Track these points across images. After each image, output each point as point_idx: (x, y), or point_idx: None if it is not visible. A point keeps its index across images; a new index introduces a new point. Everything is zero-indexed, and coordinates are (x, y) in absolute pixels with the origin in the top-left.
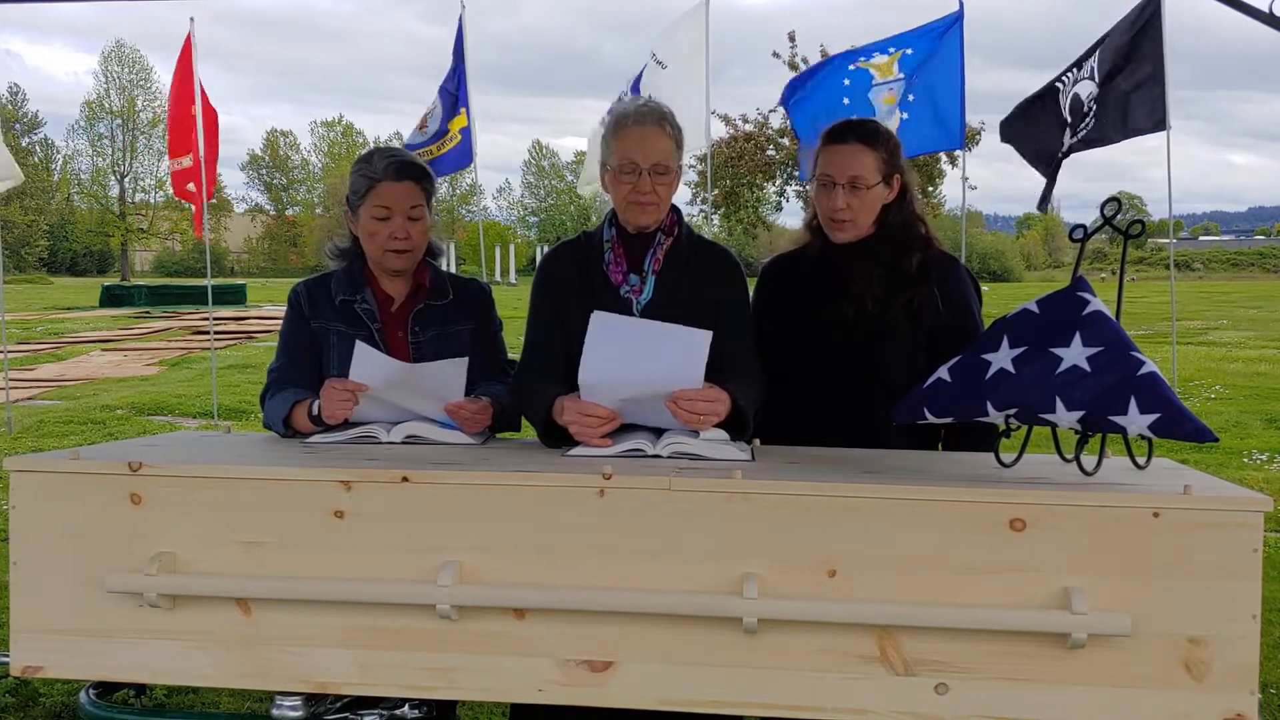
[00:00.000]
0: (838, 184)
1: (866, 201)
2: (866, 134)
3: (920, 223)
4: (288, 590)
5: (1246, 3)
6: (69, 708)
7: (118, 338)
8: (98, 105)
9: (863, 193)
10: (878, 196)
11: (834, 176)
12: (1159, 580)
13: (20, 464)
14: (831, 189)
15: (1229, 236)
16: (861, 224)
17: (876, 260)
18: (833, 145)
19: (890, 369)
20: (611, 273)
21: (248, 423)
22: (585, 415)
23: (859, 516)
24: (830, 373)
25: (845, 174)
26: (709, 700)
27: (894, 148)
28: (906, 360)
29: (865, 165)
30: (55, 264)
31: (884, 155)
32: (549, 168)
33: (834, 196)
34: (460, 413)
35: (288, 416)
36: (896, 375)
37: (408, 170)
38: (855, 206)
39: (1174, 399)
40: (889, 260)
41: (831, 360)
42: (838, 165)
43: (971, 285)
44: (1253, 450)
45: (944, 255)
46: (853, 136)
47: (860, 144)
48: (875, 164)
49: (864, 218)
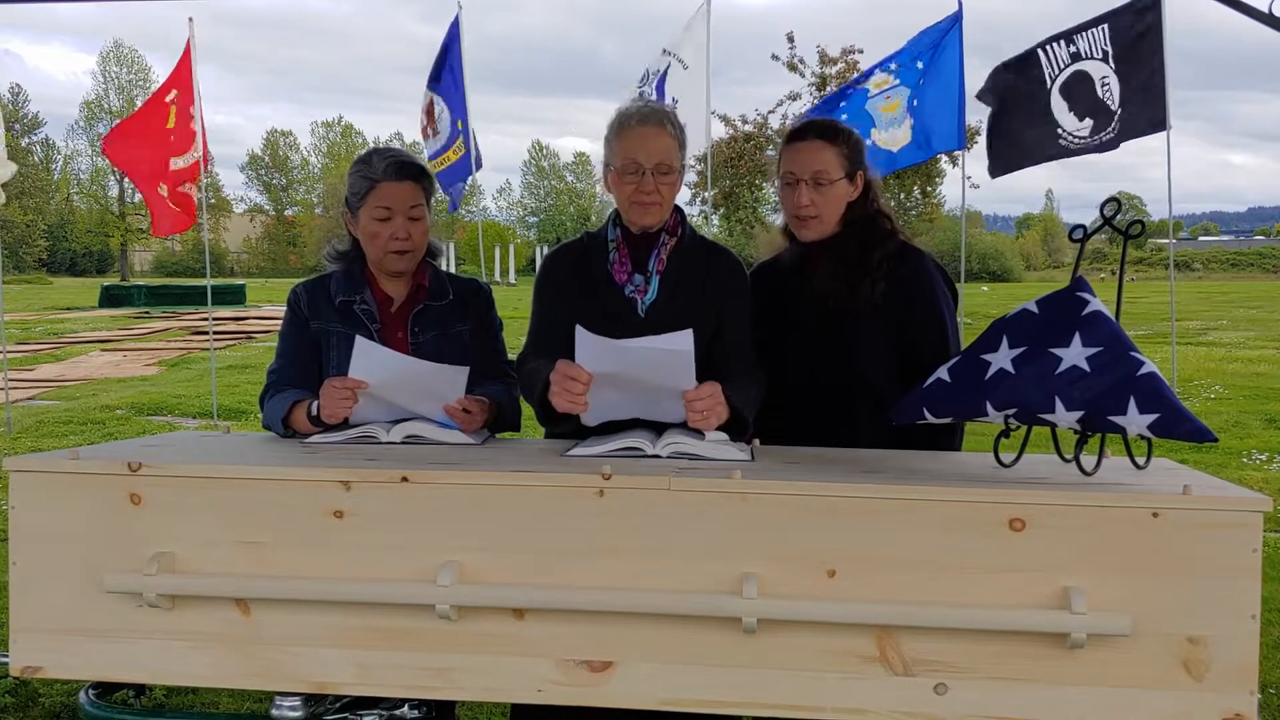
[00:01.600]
0: (801, 180)
1: (830, 197)
2: (826, 130)
3: (885, 218)
4: (287, 590)
5: (1246, 3)
6: (69, 708)
7: (117, 338)
8: (97, 105)
9: (826, 188)
10: (841, 192)
11: (797, 173)
12: (1158, 580)
13: (20, 464)
14: (795, 186)
15: (1228, 237)
16: (827, 220)
17: (841, 258)
18: (794, 144)
19: (864, 367)
20: (616, 272)
21: (247, 423)
22: (567, 379)
23: (859, 516)
24: (808, 376)
25: (808, 170)
26: (709, 700)
27: (855, 144)
28: (880, 357)
29: (827, 161)
30: (55, 264)
31: (845, 151)
32: (549, 168)
33: (798, 193)
34: (458, 414)
35: (287, 417)
36: (873, 373)
37: (407, 170)
38: (819, 202)
39: (1173, 399)
40: (853, 257)
41: (808, 363)
42: (800, 162)
43: (939, 277)
44: (1252, 450)
45: (909, 248)
46: (813, 133)
47: (821, 140)
48: (837, 160)
49: (829, 213)
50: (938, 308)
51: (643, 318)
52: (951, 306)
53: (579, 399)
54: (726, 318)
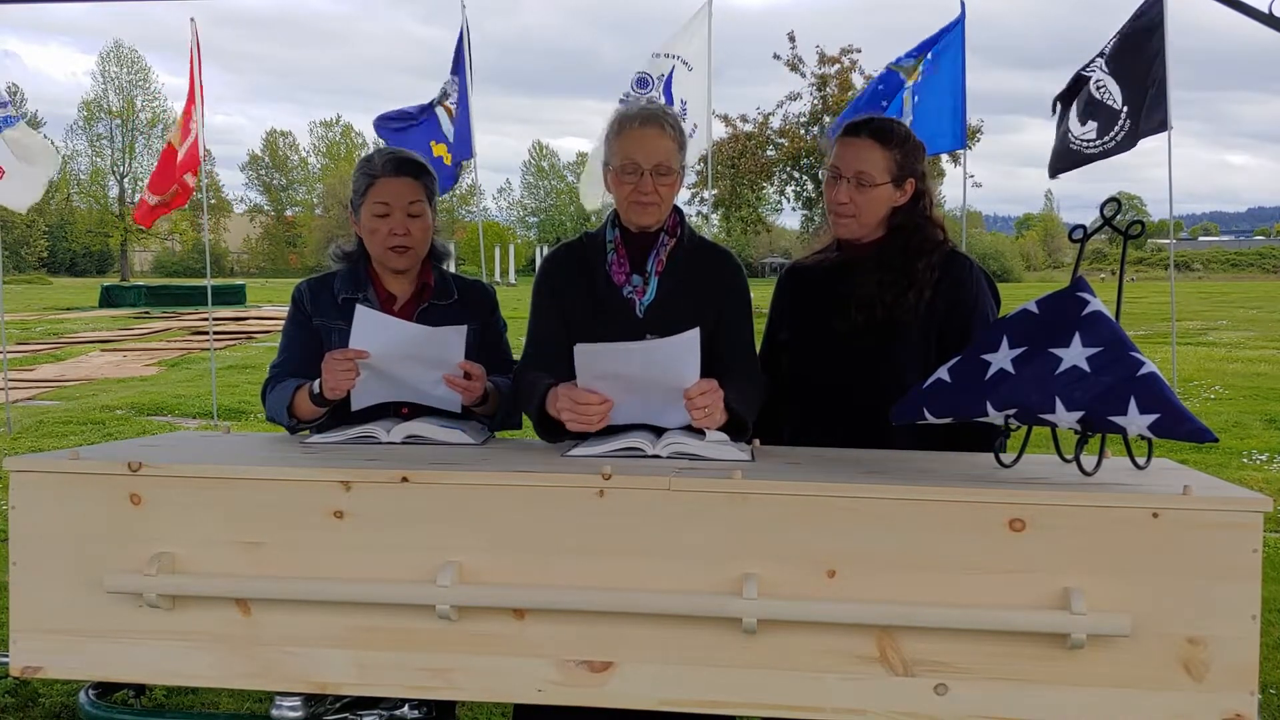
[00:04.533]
0: (843, 177)
1: (870, 199)
2: (881, 132)
3: (936, 228)
4: (287, 590)
5: (1246, 3)
6: (69, 708)
7: (117, 338)
8: (96, 105)
9: (867, 190)
10: (883, 196)
11: (841, 170)
12: (1158, 580)
13: (20, 464)
14: (837, 182)
15: (1228, 237)
16: (865, 221)
17: (886, 265)
18: (846, 138)
19: (902, 374)
20: (614, 273)
21: (248, 423)
22: (579, 404)
23: (859, 516)
24: (844, 381)
25: (852, 168)
26: (709, 700)
27: (911, 150)
28: (919, 365)
29: (873, 162)
30: (55, 264)
31: (897, 156)
32: (549, 168)
33: (838, 189)
34: (458, 382)
35: (291, 405)
36: (910, 381)
37: (406, 166)
38: (858, 202)
39: (1173, 399)
40: (898, 265)
41: (843, 368)
42: (846, 159)
43: (985, 284)
44: (1252, 450)
45: (955, 255)
46: (866, 132)
47: (872, 140)
48: (885, 163)
49: (867, 215)
50: (984, 316)
51: (641, 318)
52: (997, 312)
53: (592, 420)
54: (725, 318)
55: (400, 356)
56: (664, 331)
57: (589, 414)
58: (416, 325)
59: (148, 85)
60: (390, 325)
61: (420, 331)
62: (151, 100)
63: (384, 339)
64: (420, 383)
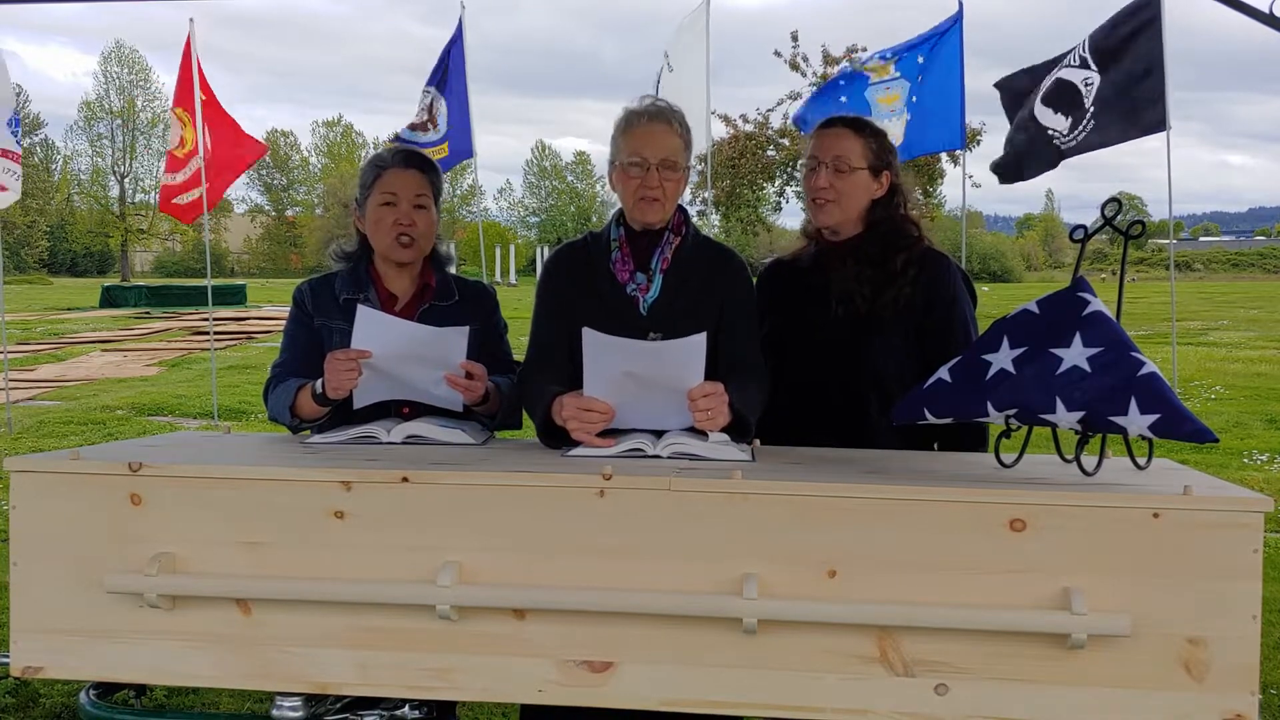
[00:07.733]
0: (822, 163)
1: (849, 184)
2: (854, 122)
3: (912, 225)
4: (288, 590)
5: (1246, 3)
6: (69, 708)
7: (118, 338)
8: (97, 105)
9: (846, 175)
10: (861, 183)
11: (819, 156)
12: (1159, 580)
13: (20, 464)
14: (816, 169)
15: (1229, 237)
16: (845, 208)
17: (863, 260)
18: (822, 130)
19: (880, 369)
20: (618, 271)
21: (248, 423)
22: (584, 410)
23: (859, 516)
24: (822, 375)
25: (829, 153)
26: (709, 700)
27: (884, 141)
28: (897, 359)
29: (849, 148)
30: (55, 264)
31: (872, 145)
32: (550, 168)
33: (818, 176)
34: (460, 382)
35: (293, 404)
36: (888, 375)
37: (414, 160)
38: (838, 187)
39: (1174, 399)
40: (876, 259)
41: (822, 362)
42: (823, 146)
43: (962, 282)
44: (1253, 451)
45: (932, 252)
46: (841, 123)
47: (848, 129)
48: (861, 149)
49: (847, 202)
50: (962, 313)
51: (644, 316)
52: (973, 310)
53: (596, 430)
54: (730, 318)
55: (402, 356)
56: (667, 330)
57: (594, 422)
58: (419, 325)
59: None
60: (392, 325)
61: (422, 331)
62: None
63: (386, 339)
64: (422, 382)
